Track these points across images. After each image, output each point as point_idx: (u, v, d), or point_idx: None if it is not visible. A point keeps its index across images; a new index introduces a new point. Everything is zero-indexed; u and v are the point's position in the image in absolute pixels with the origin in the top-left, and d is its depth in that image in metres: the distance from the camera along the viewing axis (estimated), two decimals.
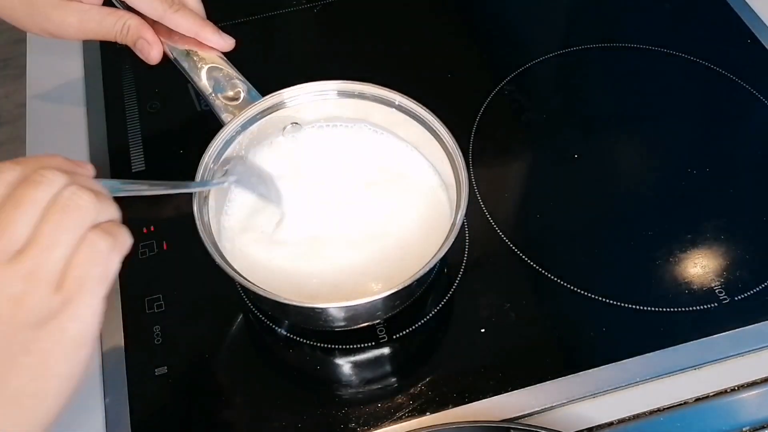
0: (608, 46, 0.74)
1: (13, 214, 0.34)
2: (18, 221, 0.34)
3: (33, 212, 0.35)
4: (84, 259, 0.36)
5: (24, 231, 0.35)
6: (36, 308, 0.34)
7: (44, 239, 0.35)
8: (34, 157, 0.38)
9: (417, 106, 0.56)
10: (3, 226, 0.34)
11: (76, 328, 0.36)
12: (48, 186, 0.36)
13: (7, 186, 0.35)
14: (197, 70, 0.58)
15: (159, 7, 0.56)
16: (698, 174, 0.64)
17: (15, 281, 0.34)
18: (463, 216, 0.50)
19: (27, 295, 0.34)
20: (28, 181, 0.35)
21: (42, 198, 0.35)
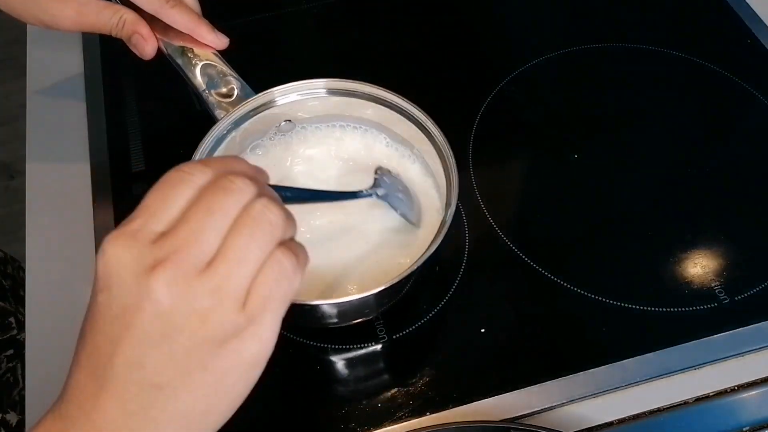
0: (608, 46, 0.74)
1: (204, 222, 0.33)
2: (210, 230, 0.33)
3: (224, 222, 0.33)
4: (270, 278, 0.34)
5: (215, 241, 0.33)
6: (221, 325, 0.33)
7: (235, 253, 0.33)
8: (221, 159, 0.36)
9: (407, 103, 0.56)
10: (196, 233, 0.33)
11: (256, 349, 0.34)
12: (239, 194, 0.34)
13: (197, 190, 0.34)
14: (191, 66, 0.58)
15: (156, 1, 0.56)
16: (698, 174, 0.64)
17: (204, 296, 0.32)
18: (452, 213, 0.50)
19: (213, 311, 0.33)
20: (218, 186, 0.34)
21: (233, 207, 0.34)
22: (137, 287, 0.32)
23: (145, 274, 0.32)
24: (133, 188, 0.64)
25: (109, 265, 0.32)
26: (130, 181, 0.64)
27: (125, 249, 0.32)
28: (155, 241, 0.33)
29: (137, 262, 0.32)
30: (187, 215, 0.33)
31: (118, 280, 0.32)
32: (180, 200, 0.34)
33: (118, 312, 0.32)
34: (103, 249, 0.33)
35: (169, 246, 0.32)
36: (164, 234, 0.33)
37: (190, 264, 0.32)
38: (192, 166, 0.35)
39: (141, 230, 0.33)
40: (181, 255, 0.32)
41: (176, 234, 0.33)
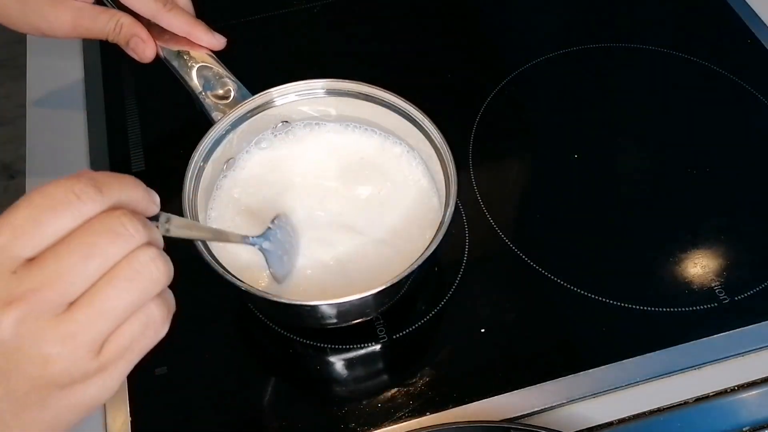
0: (608, 46, 0.74)
1: (78, 265, 0.30)
2: (81, 272, 0.30)
3: (100, 268, 0.31)
4: (136, 330, 0.32)
5: (83, 284, 0.31)
6: (67, 371, 0.31)
7: (102, 304, 0.31)
8: (117, 184, 0.33)
9: (406, 103, 0.56)
10: (64, 275, 0.30)
11: (99, 394, 0.33)
12: (127, 241, 0.31)
13: (81, 220, 0.31)
14: (188, 69, 0.59)
15: (152, 5, 0.56)
16: (698, 174, 0.64)
17: (55, 342, 0.30)
18: (451, 214, 0.50)
19: (61, 357, 0.30)
20: (105, 227, 0.31)
21: (116, 254, 0.31)
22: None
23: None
24: None
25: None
26: None
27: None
28: (16, 271, 0.30)
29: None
30: (60, 250, 0.30)
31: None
32: (56, 227, 0.31)
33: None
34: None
35: (29, 282, 0.30)
36: (29, 263, 0.30)
37: (49, 306, 0.30)
38: (84, 189, 0.31)
39: (2, 252, 0.30)
40: (41, 295, 0.30)
41: (42, 269, 0.30)
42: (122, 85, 0.72)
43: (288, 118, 0.59)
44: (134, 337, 0.33)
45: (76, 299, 0.31)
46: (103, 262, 0.31)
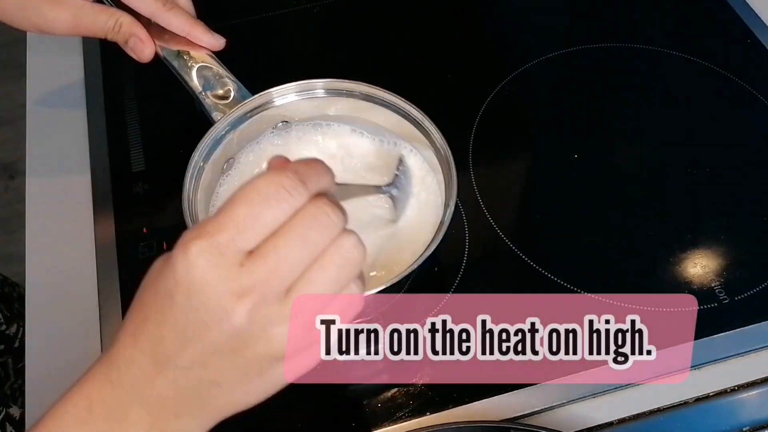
0: (608, 46, 0.74)
1: (295, 253, 0.34)
2: (298, 261, 0.34)
3: (313, 255, 0.34)
4: (341, 308, 0.36)
5: (300, 271, 0.34)
6: (286, 347, 0.35)
7: (316, 286, 0.34)
8: (314, 173, 0.36)
9: (406, 103, 0.56)
10: (284, 263, 0.33)
11: (309, 363, 0.37)
12: (333, 230, 0.35)
13: (292, 211, 0.34)
14: (188, 69, 0.58)
15: (152, 4, 0.56)
16: (698, 174, 0.64)
17: (279, 322, 0.34)
18: (451, 214, 0.50)
19: (283, 336, 0.34)
20: (313, 217, 0.34)
21: (324, 242, 0.34)
22: (220, 309, 0.33)
23: (230, 300, 0.33)
24: (134, 188, 0.64)
25: (193, 276, 0.33)
26: (130, 181, 0.64)
27: (213, 266, 0.33)
28: (243, 264, 0.33)
29: (224, 285, 0.33)
30: (278, 242, 0.33)
31: (201, 295, 0.33)
32: (272, 220, 0.34)
33: (194, 321, 0.33)
34: (189, 254, 0.33)
35: (257, 274, 0.33)
36: (252, 255, 0.33)
37: (273, 294, 0.34)
38: (293, 185, 0.34)
39: (229, 246, 0.33)
40: (267, 286, 0.33)
41: (265, 260, 0.33)
42: (122, 85, 0.72)
43: (288, 118, 0.59)
44: (336, 311, 0.36)
45: (294, 283, 0.34)
46: (315, 249, 0.34)
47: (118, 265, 0.59)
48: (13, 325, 0.76)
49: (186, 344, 0.34)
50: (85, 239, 0.61)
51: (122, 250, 0.60)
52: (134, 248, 0.60)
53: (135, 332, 0.35)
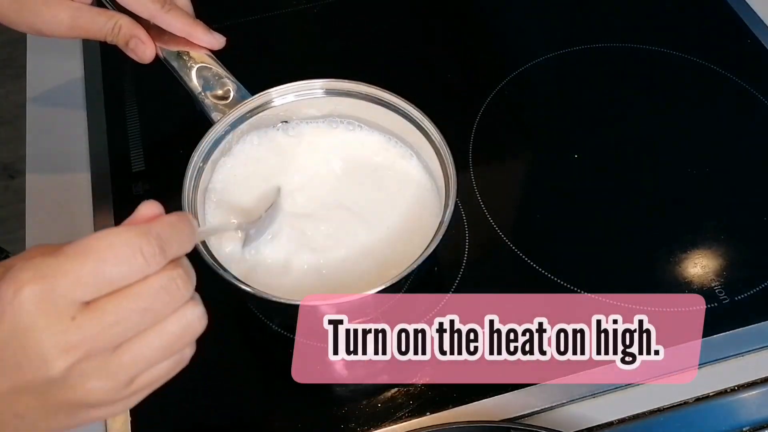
0: (608, 46, 0.74)
1: (134, 316, 0.33)
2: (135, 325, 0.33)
3: (152, 321, 0.34)
4: (167, 368, 0.36)
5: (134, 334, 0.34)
6: (100, 398, 0.34)
7: (147, 351, 0.34)
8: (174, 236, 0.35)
9: (406, 103, 0.56)
10: (120, 326, 0.33)
11: (121, 410, 0.36)
12: (178, 301, 0.35)
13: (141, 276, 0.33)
14: (187, 69, 0.58)
15: (151, 6, 0.56)
16: (698, 174, 0.64)
17: (98, 378, 0.33)
18: (451, 214, 0.50)
19: (101, 390, 0.34)
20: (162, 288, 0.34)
21: (167, 312, 0.34)
22: (39, 358, 0.32)
23: (52, 351, 0.32)
24: (133, 188, 0.64)
25: (19, 318, 0.31)
26: (130, 181, 0.64)
27: (43, 314, 0.31)
28: (75, 317, 0.32)
29: (49, 336, 0.31)
30: (120, 302, 0.33)
31: (23, 339, 0.32)
32: (119, 279, 0.33)
33: (10, 359, 0.32)
34: (20, 295, 0.31)
35: (87, 330, 0.32)
36: (87, 308, 0.32)
37: (100, 351, 0.33)
38: (151, 252, 0.33)
39: (65, 296, 0.32)
40: (96, 344, 0.32)
41: (101, 317, 0.32)
42: (122, 85, 0.72)
43: (287, 119, 0.59)
44: (164, 373, 0.36)
45: (125, 341, 0.34)
46: (156, 318, 0.34)
47: None
48: None
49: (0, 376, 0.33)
50: None
51: None
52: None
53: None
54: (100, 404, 0.34)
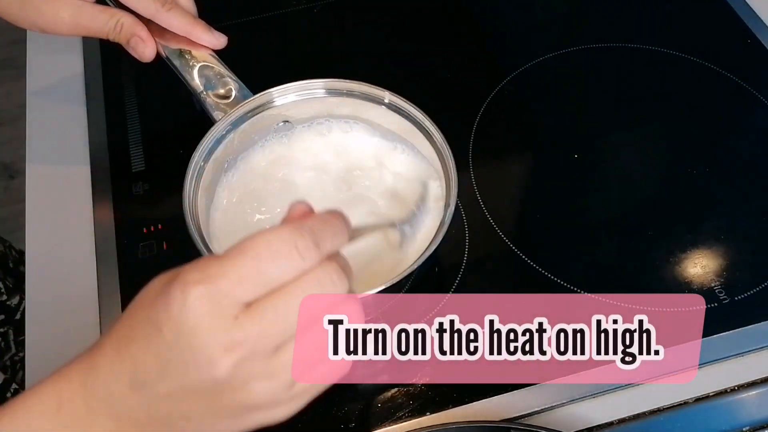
0: (608, 46, 0.74)
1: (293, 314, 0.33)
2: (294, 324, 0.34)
3: (312, 318, 0.34)
4: (326, 373, 0.37)
5: (294, 332, 0.34)
6: (265, 400, 0.34)
7: (306, 351, 0.34)
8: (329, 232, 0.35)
9: (406, 103, 0.56)
10: (280, 323, 0.33)
11: (284, 416, 0.36)
12: (336, 295, 0.35)
13: (299, 272, 0.33)
14: (189, 68, 0.58)
15: (152, 5, 0.56)
16: (698, 174, 0.64)
17: (260, 379, 0.33)
18: (451, 214, 0.50)
19: (264, 391, 0.34)
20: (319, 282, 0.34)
21: (325, 307, 0.35)
22: (205, 357, 0.32)
23: (216, 350, 0.32)
24: (133, 188, 0.64)
25: (186, 318, 0.32)
26: (130, 181, 0.64)
27: (207, 314, 0.32)
28: (237, 317, 0.32)
29: (214, 335, 0.32)
30: (278, 302, 0.33)
31: (189, 339, 0.32)
32: (277, 277, 0.33)
33: (177, 359, 0.33)
34: (186, 296, 0.32)
35: (249, 330, 0.32)
36: (249, 309, 0.33)
37: (262, 351, 0.33)
38: (306, 246, 0.33)
39: (228, 296, 0.32)
40: (258, 343, 0.33)
41: (261, 318, 0.33)
42: (122, 85, 0.72)
43: (289, 118, 0.59)
44: (324, 376, 0.36)
45: (284, 342, 0.34)
46: (315, 314, 0.34)
47: (118, 266, 0.59)
48: (15, 296, 0.75)
49: (165, 377, 0.33)
50: (85, 239, 0.61)
51: (122, 250, 0.60)
52: (134, 248, 0.60)
53: (119, 347, 0.34)
54: (263, 406, 0.35)
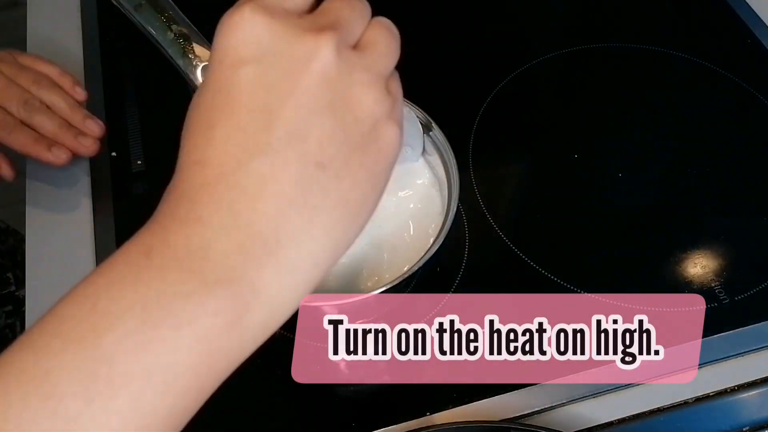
0: (608, 46, 0.74)
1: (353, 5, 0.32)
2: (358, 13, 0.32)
3: (367, 13, 0.33)
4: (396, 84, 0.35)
5: (362, 26, 0.33)
6: (376, 103, 0.31)
7: (381, 41, 0.33)
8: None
9: (407, 103, 0.56)
10: (347, 14, 0.31)
11: (396, 135, 0.33)
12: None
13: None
14: (192, 68, 0.58)
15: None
16: (698, 174, 0.64)
17: (363, 69, 0.31)
18: (453, 215, 0.50)
19: (370, 86, 0.31)
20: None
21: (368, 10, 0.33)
22: (303, 48, 0.29)
23: (312, 35, 0.29)
24: (133, 188, 0.64)
25: (255, 34, 0.29)
26: (130, 181, 0.64)
27: (273, 18, 0.29)
28: (302, 17, 0.30)
29: (294, 28, 0.29)
30: (334, 3, 0.31)
31: (272, 46, 0.29)
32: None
33: (277, 79, 0.29)
34: (241, 17, 0.29)
35: (324, 19, 0.30)
36: (310, 12, 0.31)
37: (349, 37, 0.31)
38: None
39: (282, 4, 0.30)
40: (341, 27, 0.30)
41: (327, 12, 0.31)
42: (122, 86, 0.72)
43: None
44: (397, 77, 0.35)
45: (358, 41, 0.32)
46: (366, 8, 0.33)
47: None
48: (23, 288, 0.75)
49: (276, 112, 0.28)
50: (85, 239, 0.61)
51: None
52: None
53: (197, 152, 0.31)
54: (379, 116, 0.31)
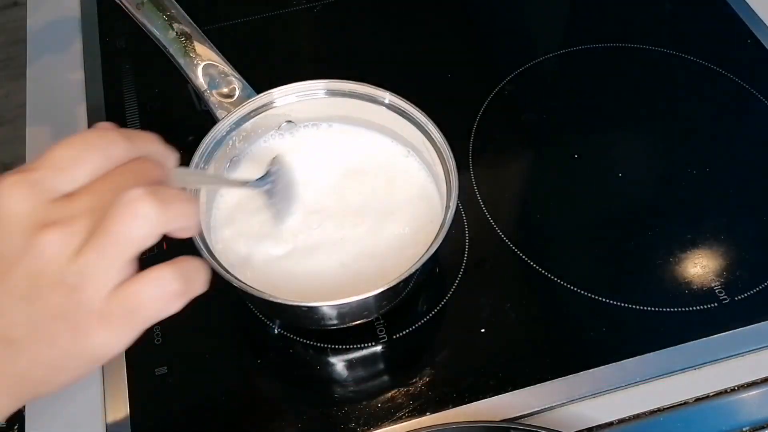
0: (608, 46, 0.74)
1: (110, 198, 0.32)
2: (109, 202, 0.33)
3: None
4: (146, 293, 0.34)
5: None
6: (84, 304, 0.32)
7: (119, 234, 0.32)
8: (141, 135, 0.36)
9: (407, 104, 0.56)
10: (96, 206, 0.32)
11: (103, 346, 0.34)
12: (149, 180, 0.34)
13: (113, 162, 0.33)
14: (193, 66, 0.58)
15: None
16: (698, 174, 0.64)
17: (83, 267, 0.32)
18: (452, 215, 0.50)
19: (84, 287, 0.32)
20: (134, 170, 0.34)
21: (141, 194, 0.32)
22: (21, 241, 0.31)
23: (34, 230, 0.31)
24: None
25: (1, 209, 0.32)
26: None
27: (23, 198, 0.32)
28: (55, 201, 0.32)
29: (30, 217, 0.32)
30: (95, 187, 0.33)
31: (6, 227, 0.32)
32: (91, 166, 0.33)
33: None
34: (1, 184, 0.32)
35: (67, 210, 0.32)
36: (66, 196, 0.32)
37: (82, 233, 0.32)
38: (115, 137, 0.34)
39: (43, 183, 0.32)
40: (77, 223, 0.32)
41: (79, 200, 0.32)
42: (122, 85, 0.72)
43: (291, 119, 0.59)
44: (143, 300, 0.33)
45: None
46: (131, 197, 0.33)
47: None
48: None
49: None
50: None
51: None
52: None
53: None
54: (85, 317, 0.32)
